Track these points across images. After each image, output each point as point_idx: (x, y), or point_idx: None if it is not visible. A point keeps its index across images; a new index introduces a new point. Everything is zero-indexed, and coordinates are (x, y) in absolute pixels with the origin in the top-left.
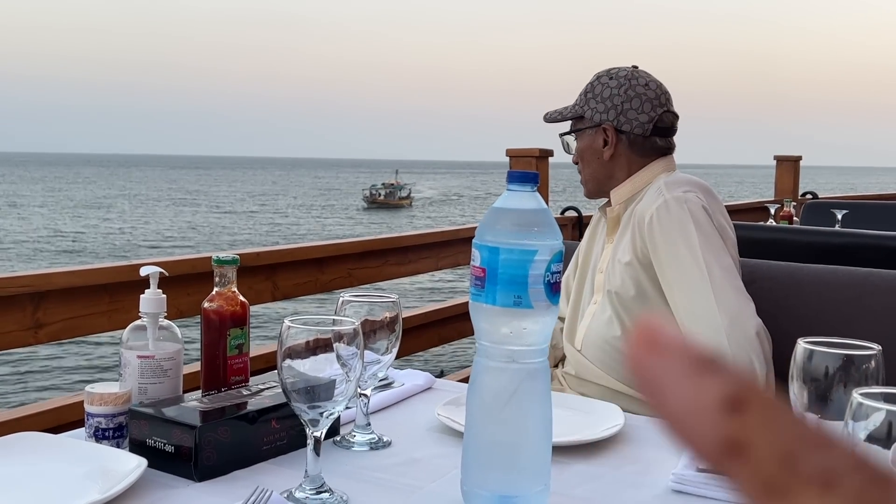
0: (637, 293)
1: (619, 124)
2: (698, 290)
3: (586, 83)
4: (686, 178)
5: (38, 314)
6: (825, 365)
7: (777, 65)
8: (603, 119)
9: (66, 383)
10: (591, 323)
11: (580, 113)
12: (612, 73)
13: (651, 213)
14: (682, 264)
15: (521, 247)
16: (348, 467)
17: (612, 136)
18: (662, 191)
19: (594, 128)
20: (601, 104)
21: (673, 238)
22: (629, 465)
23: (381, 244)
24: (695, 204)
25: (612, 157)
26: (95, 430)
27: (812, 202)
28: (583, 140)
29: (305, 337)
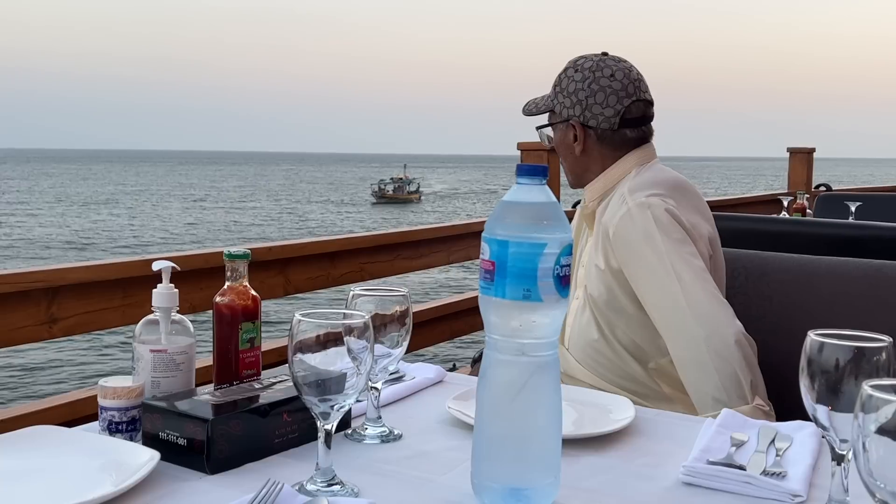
0: (609, 298)
1: (584, 120)
2: (671, 302)
3: (556, 77)
4: (651, 179)
5: (52, 309)
6: (836, 357)
7: (791, 56)
8: (570, 115)
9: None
10: (573, 321)
11: (551, 106)
12: (578, 64)
13: (615, 223)
14: (653, 274)
15: (531, 240)
16: (359, 460)
17: (580, 132)
18: (625, 198)
19: (564, 122)
20: (567, 99)
21: (639, 248)
22: (639, 457)
23: (393, 238)
24: (658, 208)
25: (584, 153)
26: (109, 424)
27: (825, 194)
28: (557, 134)
29: (316, 331)
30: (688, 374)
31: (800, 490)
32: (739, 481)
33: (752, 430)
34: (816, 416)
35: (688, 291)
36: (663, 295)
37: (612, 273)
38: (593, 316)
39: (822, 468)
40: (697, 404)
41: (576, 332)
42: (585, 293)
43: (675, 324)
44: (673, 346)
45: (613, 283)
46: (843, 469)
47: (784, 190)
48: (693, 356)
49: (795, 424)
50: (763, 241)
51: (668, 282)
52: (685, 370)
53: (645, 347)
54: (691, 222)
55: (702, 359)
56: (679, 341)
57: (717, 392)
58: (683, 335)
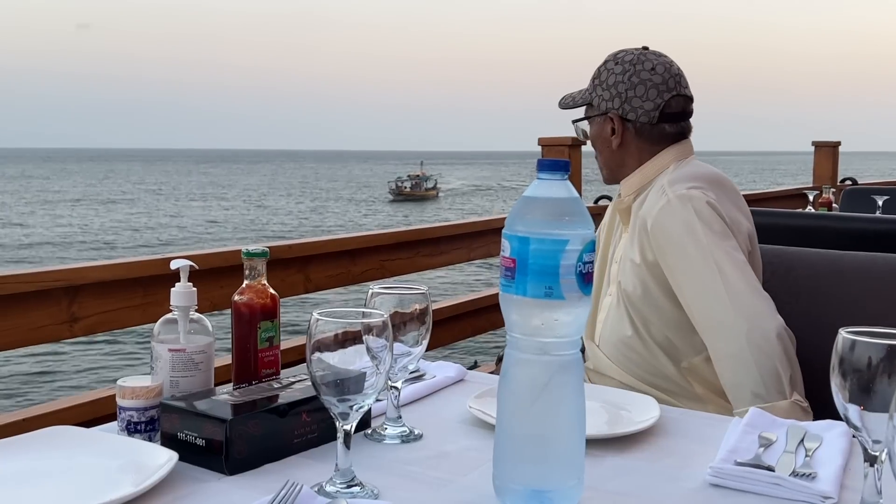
0: (643, 294)
1: (623, 113)
2: (712, 295)
3: (596, 69)
4: (691, 172)
5: (73, 308)
6: (868, 355)
7: (816, 48)
8: (608, 107)
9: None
10: (605, 318)
11: (589, 100)
12: (618, 57)
13: (654, 215)
14: (693, 267)
15: (552, 236)
16: (379, 460)
17: (619, 125)
18: (665, 189)
19: (601, 116)
20: (606, 91)
21: (679, 240)
22: (665, 458)
23: (413, 235)
24: (699, 200)
25: (621, 146)
26: (128, 424)
27: (851, 188)
28: (593, 127)
29: (334, 329)
30: (726, 368)
31: (830, 492)
32: (768, 482)
33: (780, 429)
34: (848, 416)
35: (729, 284)
36: (703, 287)
37: (648, 267)
38: (627, 312)
39: (852, 469)
40: (734, 399)
41: (608, 329)
42: (619, 289)
43: (716, 316)
44: (712, 339)
45: (649, 277)
46: (877, 470)
47: (809, 184)
48: (733, 349)
49: (825, 424)
50: (789, 236)
51: (708, 274)
52: (723, 364)
53: (678, 345)
54: (731, 217)
55: (742, 352)
56: (719, 334)
57: (756, 387)
58: (724, 328)
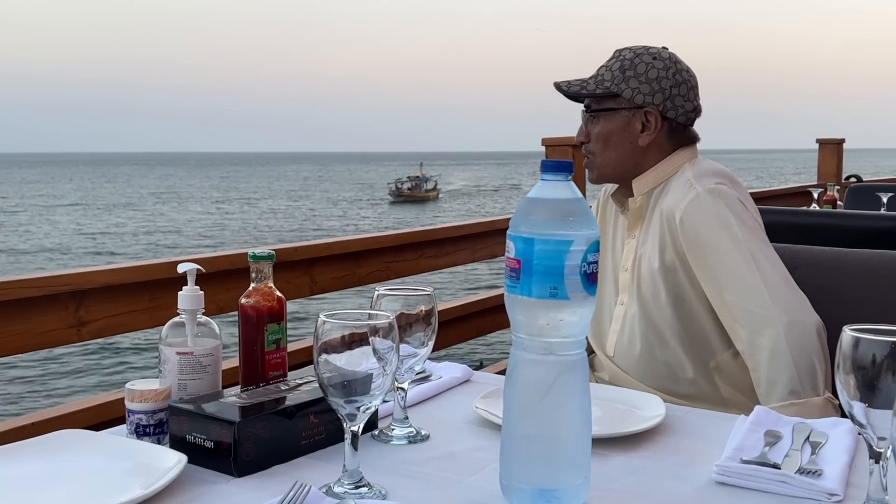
0: (675, 297)
1: (664, 109)
2: (750, 287)
3: (618, 58)
4: (714, 169)
5: (80, 312)
6: (872, 353)
7: (817, 45)
8: (647, 101)
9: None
10: (621, 328)
11: (616, 91)
12: (652, 52)
13: (683, 208)
14: (728, 260)
15: (557, 237)
16: (387, 461)
17: (657, 122)
18: (693, 183)
19: (633, 109)
20: (646, 85)
21: (714, 233)
22: (671, 456)
23: (418, 237)
24: (729, 196)
25: (649, 143)
26: (136, 427)
27: (856, 185)
28: (613, 121)
29: (341, 331)
30: (762, 361)
31: (837, 489)
32: (774, 480)
33: (786, 427)
34: (853, 413)
35: (767, 277)
36: (741, 280)
37: (680, 264)
38: (649, 318)
39: (858, 466)
40: (766, 394)
41: (626, 339)
42: (635, 296)
43: (754, 309)
44: (748, 331)
45: (682, 277)
46: (882, 467)
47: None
48: (771, 343)
49: (830, 421)
50: (793, 233)
51: (746, 267)
52: (760, 357)
53: (708, 342)
54: (756, 214)
55: (779, 346)
56: (757, 326)
57: (793, 382)
58: (762, 321)
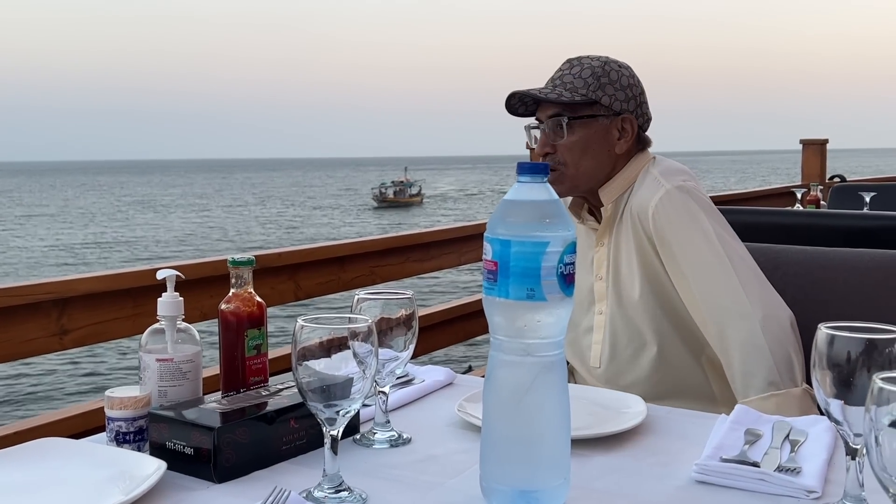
0: (658, 295)
1: (637, 116)
2: (724, 282)
3: (581, 65)
4: (676, 167)
5: (62, 320)
6: (847, 350)
7: (801, 45)
8: (623, 108)
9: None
10: (604, 338)
11: (595, 98)
12: (612, 60)
13: (654, 203)
14: (700, 255)
15: (533, 239)
16: (368, 465)
17: (632, 128)
18: (660, 180)
19: (611, 117)
20: (621, 92)
21: (685, 228)
22: (651, 456)
23: (403, 241)
24: (697, 193)
25: (623, 152)
26: (116, 434)
27: (839, 185)
28: (591, 129)
29: (320, 336)
30: (736, 356)
31: (815, 486)
32: (753, 478)
33: (766, 425)
34: (829, 411)
35: (740, 272)
36: (714, 275)
37: (654, 261)
38: (628, 323)
39: (837, 463)
40: (743, 387)
41: (608, 348)
42: (614, 302)
43: (728, 304)
44: (722, 326)
45: (656, 272)
46: (858, 464)
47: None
48: (746, 337)
49: (810, 419)
50: (777, 233)
51: (718, 263)
52: (734, 352)
53: (700, 335)
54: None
55: (756, 339)
56: (731, 322)
57: (771, 374)
58: (737, 315)
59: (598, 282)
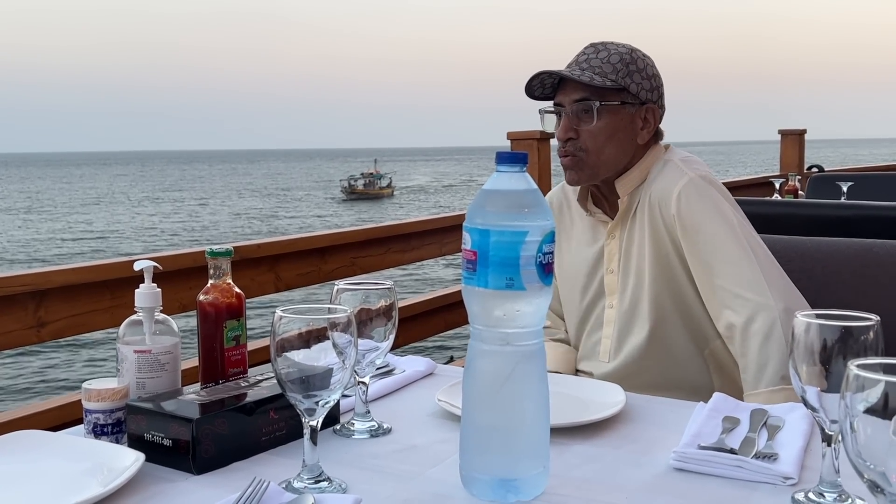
0: (670, 288)
1: (660, 106)
2: (747, 274)
3: (608, 51)
4: (694, 157)
5: (39, 313)
6: (823, 337)
7: (778, 35)
8: (648, 98)
9: None
10: (614, 331)
11: (624, 85)
12: (638, 50)
13: (679, 189)
14: (724, 246)
15: (512, 228)
16: (348, 455)
17: (655, 119)
18: (682, 168)
19: (636, 105)
20: (647, 81)
21: (710, 218)
22: (629, 444)
23: (384, 232)
24: (718, 184)
25: (646, 142)
26: (94, 427)
27: (817, 175)
28: (619, 116)
29: (299, 327)
30: (752, 347)
31: (791, 472)
32: (731, 465)
33: (743, 412)
34: (806, 398)
35: (763, 265)
36: (736, 267)
37: (669, 252)
38: (640, 315)
39: (814, 450)
40: (754, 378)
41: (617, 341)
42: (627, 295)
43: (750, 296)
44: (743, 318)
45: (670, 263)
46: (834, 450)
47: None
48: (765, 328)
49: (787, 406)
50: (755, 223)
51: (742, 254)
52: (750, 342)
53: (707, 329)
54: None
55: (776, 332)
56: (752, 314)
57: (784, 368)
58: (760, 307)
59: (608, 275)
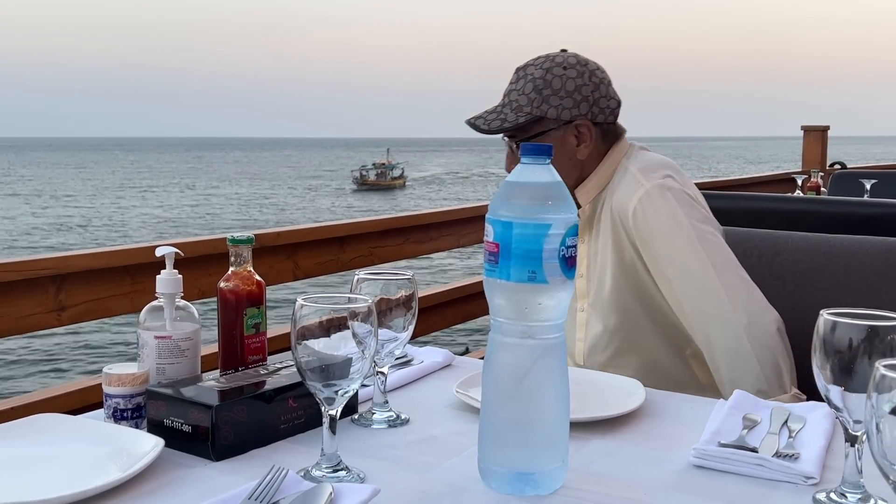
0: (639, 293)
1: (593, 116)
2: (707, 288)
3: (525, 78)
4: (657, 161)
5: (60, 296)
6: (849, 337)
7: (802, 31)
8: (575, 115)
9: None
10: (586, 335)
11: (538, 115)
12: (558, 62)
13: (634, 203)
14: (683, 258)
15: (535, 221)
16: (366, 445)
17: (590, 132)
18: (639, 179)
19: (562, 127)
20: (568, 99)
21: (665, 230)
22: (649, 440)
23: (402, 222)
24: (676, 190)
25: (589, 154)
26: (114, 411)
27: (840, 172)
28: (549, 142)
29: (319, 316)
30: (723, 363)
31: (812, 472)
32: (751, 463)
33: (764, 411)
34: (829, 397)
35: (723, 277)
36: (696, 280)
37: (634, 260)
38: (608, 321)
39: (835, 450)
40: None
41: (590, 346)
42: (595, 301)
43: (711, 311)
44: (707, 332)
45: (637, 271)
46: (857, 450)
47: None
48: (732, 344)
49: (809, 405)
50: (777, 220)
51: (700, 267)
52: (721, 358)
53: (684, 330)
54: (704, 205)
55: (742, 348)
56: (715, 328)
57: (759, 382)
58: (721, 322)
59: (579, 279)
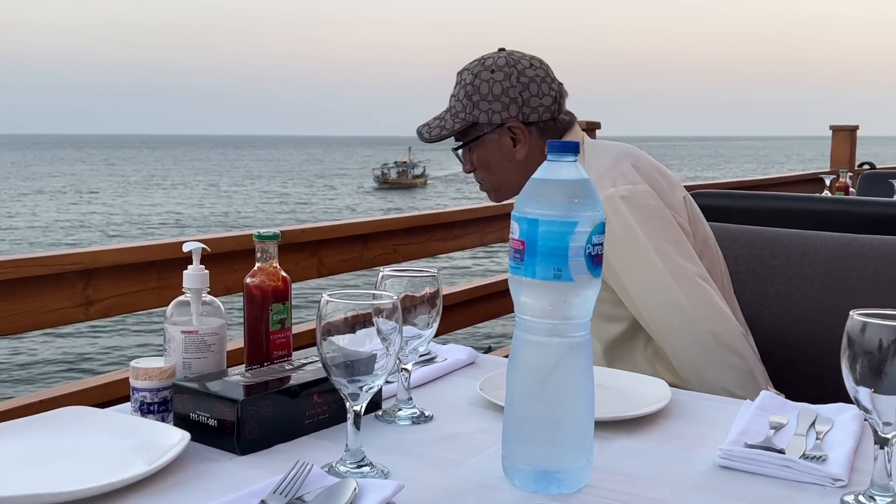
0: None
1: (525, 117)
2: (669, 302)
3: (461, 84)
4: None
5: (88, 291)
6: (879, 338)
7: (832, 31)
8: (505, 118)
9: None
10: None
11: (472, 120)
12: (487, 65)
13: None
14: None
15: (562, 218)
16: (390, 441)
17: (523, 133)
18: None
19: (496, 130)
20: (496, 103)
21: (619, 245)
22: (674, 440)
23: (427, 220)
24: (631, 200)
25: (527, 155)
26: (141, 405)
27: (869, 172)
28: (484, 147)
29: (344, 312)
30: (697, 373)
31: (841, 474)
32: (778, 465)
33: (791, 412)
34: (858, 399)
35: (684, 287)
36: (657, 294)
37: None
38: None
39: (864, 452)
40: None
41: None
42: None
43: (677, 322)
44: (674, 344)
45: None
46: (887, 453)
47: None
48: (702, 355)
49: (837, 407)
50: (805, 220)
51: (661, 280)
52: (686, 369)
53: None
54: (668, 201)
55: (714, 356)
56: (683, 340)
57: (736, 388)
58: (689, 333)
59: None
